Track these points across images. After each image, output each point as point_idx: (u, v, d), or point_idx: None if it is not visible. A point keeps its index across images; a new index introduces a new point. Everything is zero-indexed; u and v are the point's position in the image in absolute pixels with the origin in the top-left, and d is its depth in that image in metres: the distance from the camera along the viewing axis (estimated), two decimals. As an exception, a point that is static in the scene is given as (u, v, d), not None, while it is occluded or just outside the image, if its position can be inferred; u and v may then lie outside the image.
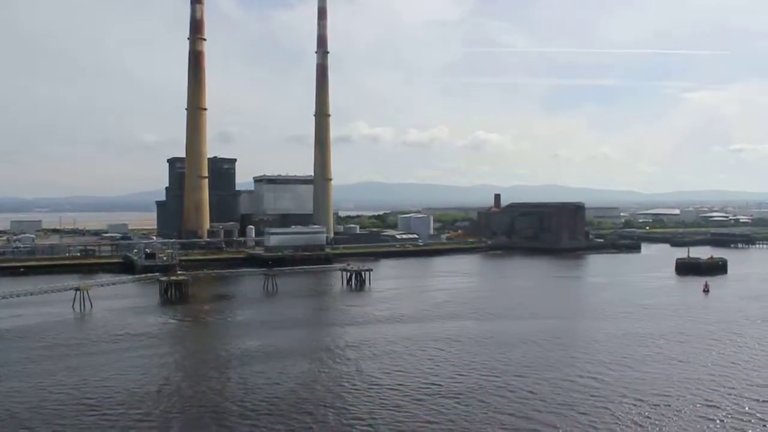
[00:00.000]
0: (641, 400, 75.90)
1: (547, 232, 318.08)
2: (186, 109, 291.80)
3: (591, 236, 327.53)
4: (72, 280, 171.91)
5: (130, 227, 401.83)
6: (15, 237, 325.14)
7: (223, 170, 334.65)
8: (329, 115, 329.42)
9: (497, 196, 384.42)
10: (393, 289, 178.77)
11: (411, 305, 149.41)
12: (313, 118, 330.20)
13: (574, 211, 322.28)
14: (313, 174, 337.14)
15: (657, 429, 67.14)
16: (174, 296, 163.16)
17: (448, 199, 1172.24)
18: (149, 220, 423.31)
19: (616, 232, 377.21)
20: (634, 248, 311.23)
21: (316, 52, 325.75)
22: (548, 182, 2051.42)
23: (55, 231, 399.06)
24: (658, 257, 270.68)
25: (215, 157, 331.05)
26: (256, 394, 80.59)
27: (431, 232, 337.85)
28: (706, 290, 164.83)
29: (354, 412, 73.26)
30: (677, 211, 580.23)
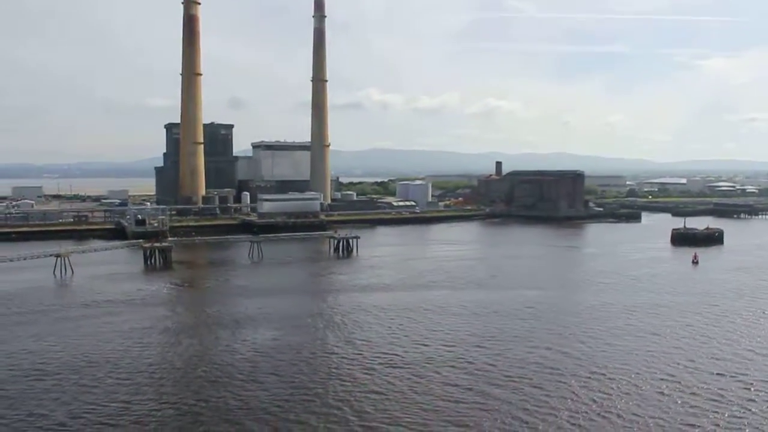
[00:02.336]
0: (602, 374, 74.09)
1: (546, 200, 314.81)
2: (181, 74, 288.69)
3: (591, 205, 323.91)
4: (63, 247, 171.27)
5: (131, 193, 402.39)
6: (14, 203, 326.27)
7: (220, 136, 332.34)
8: (326, 81, 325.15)
9: (498, 164, 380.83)
10: (380, 256, 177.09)
11: (393, 273, 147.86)
12: (311, 83, 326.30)
13: (574, 179, 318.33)
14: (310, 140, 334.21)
15: (610, 403, 65.45)
16: (158, 263, 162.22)
17: (457, 167, 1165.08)
18: (151, 186, 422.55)
19: (617, 201, 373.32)
20: (634, 218, 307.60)
21: (313, 17, 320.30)
22: (558, 150, 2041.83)
23: (56, 197, 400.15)
24: (657, 227, 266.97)
25: (212, 122, 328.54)
26: (210, 361, 79.68)
27: (429, 199, 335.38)
28: (695, 261, 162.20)
29: (303, 381, 72.05)
30: (684, 181, 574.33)
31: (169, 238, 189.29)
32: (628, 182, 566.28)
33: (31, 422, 61.63)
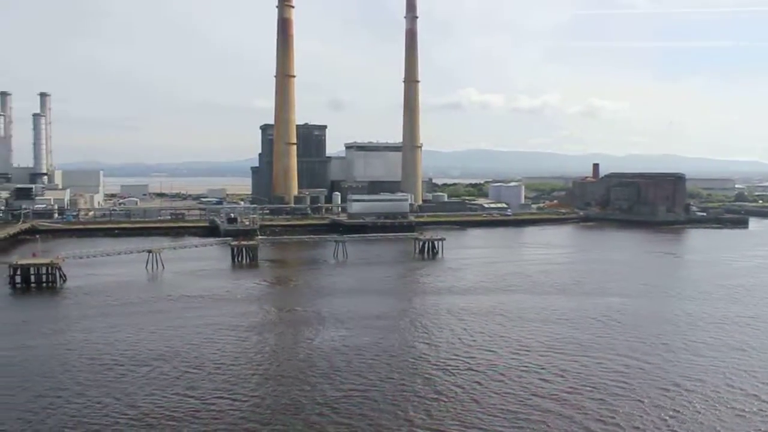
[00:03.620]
0: (681, 390, 69.78)
1: (643, 204, 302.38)
2: (275, 76, 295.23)
3: (693, 209, 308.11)
4: (161, 242, 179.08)
5: (229, 192, 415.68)
6: (121, 200, 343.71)
7: (313, 137, 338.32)
8: (418, 81, 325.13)
9: (595, 166, 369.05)
10: (464, 258, 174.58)
11: (474, 276, 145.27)
12: (403, 84, 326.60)
13: (674, 182, 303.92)
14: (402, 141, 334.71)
15: (684, 421, 61.57)
16: (244, 260, 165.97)
17: (558, 168, 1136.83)
18: (249, 185, 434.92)
19: (723, 206, 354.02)
20: (741, 223, 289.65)
21: (405, 17, 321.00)
22: (665, 151, 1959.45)
23: (160, 195, 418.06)
24: (766, 234, 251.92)
25: (306, 123, 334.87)
26: (286, 357, 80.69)
27: (522, 201, 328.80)
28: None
29: (369, 379, 71.98)
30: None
31: (259, 237, 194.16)
32: (737, 185, 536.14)
33: (114, 408, 64.22)
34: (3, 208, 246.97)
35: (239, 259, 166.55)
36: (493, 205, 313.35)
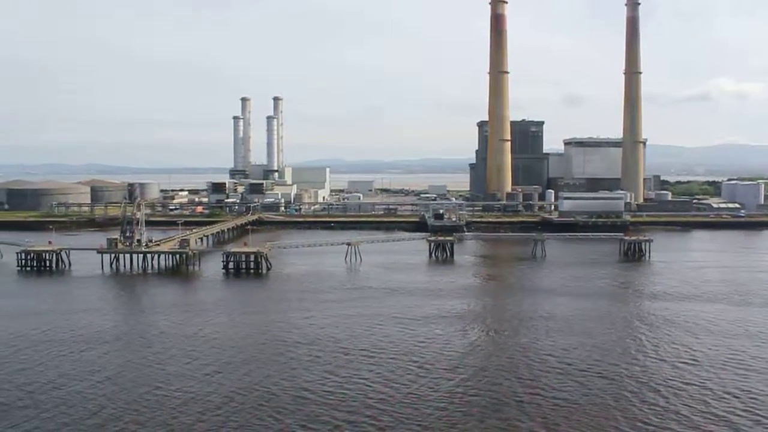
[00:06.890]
0: None
1: None
2: (488, 73, 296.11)
3: None
4: (373, 236, 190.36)
5: (449, 189, 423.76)
6: (345, 195, 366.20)
7: (530, 133, 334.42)
8: (640, 73, 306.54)
9: None
10: (672, 262, 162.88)
11: (675, 282, 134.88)
12: (623, 76, 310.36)
13: None
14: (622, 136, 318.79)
15: None
16: (441, 256, 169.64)
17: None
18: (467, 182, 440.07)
19: None
20: None
21: (626, 5, 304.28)
22: None
23: (384, 191, 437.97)
24: None
25: (523, 120, 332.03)
26: (462, 351, 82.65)
27: (761, 201, 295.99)
28: None
29: (534, 380, 72.23)
30: None
31: (465, 233, 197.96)
32: None
33: (261, 385, 70.92)
34: (239, 201, 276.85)
35: (436, 254, 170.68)
36: (723, 205, 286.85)
